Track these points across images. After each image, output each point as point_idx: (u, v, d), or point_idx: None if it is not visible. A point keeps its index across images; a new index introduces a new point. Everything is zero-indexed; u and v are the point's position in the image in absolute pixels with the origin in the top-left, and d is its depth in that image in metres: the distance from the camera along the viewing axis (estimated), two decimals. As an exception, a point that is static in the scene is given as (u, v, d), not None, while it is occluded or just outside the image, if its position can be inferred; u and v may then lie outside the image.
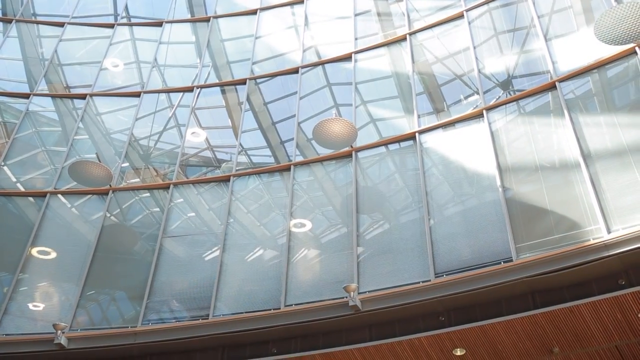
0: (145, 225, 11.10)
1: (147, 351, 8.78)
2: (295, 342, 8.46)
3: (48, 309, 9.61)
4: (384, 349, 7.99)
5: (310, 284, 9.03)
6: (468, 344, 7.79)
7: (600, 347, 7.59)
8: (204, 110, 13.17)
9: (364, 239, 9.23)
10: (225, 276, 9.40)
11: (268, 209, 10.66)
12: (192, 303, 9.29)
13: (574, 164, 8.01)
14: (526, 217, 8.02)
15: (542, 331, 7.48)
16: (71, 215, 11.23)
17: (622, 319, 7.13)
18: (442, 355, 8.00)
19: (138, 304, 9.27)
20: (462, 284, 7.76)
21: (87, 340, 8.74)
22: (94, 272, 9.86)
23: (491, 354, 7.90)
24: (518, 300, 7.58)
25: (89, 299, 9.71)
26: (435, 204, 9.14)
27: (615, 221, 7.17)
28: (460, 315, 7.83)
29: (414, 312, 8.02)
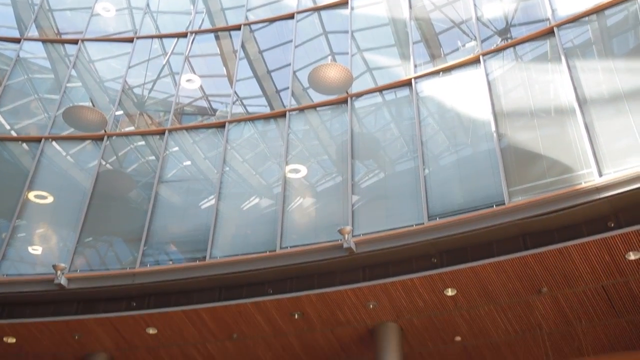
0: (141, 174, 11.14)
1: (146, 292, 8.97)
2: (291, 283, 8.66)
3: (46, 253, 9.74)
4: (377, 290, 8.20)
5: (306, 228, 9.19)
6: (459, 285, 8.00)
7: (587, 287, 7.81)
8: (198, 58, 13.03)
9: (359, 188, 9.33)
10: (221, 222, 9.52)
11: (264, 157, 10.70)
12: (189, 246, 9.44)
13: (569, 109, 8.06)
14: (520, 162, 8.12)
15: (531, 272, 7.68)
16: (66, 163, 11.24)
17: (609, 260, 7.32)
18: (433, 296, 8.22)
19: (135, 247, 9.40)
20: (455, 227, 7.92)
21: (87, 280, 8.90)
22: (90, 218, 9.95)
23: (481, 294, 8.12)
24: (509, 242, 7.76)
25: (87, 245, 9.82)
26: (431, 153, 9.21)
27: (607, 165, 7.28)
28: (452, 257, 8.02)
29: (406, 254, 8.20)
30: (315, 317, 8.74)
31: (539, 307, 8.30)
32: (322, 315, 8.70)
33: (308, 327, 8.99)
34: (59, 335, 8.99)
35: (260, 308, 8.61)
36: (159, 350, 9.52)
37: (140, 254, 9.14)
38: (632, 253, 7.17)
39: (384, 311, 8.59)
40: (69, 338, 9.07)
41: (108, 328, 8.92)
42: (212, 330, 9.06)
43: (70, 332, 8.93)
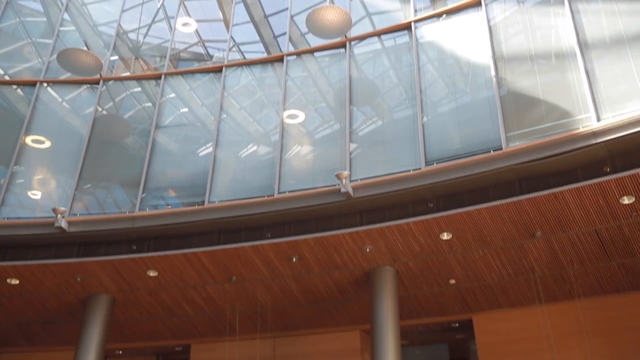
0: (138, 121, 11.07)
1: (146, 235, 9.08)
2: (289, 227, 8.77)
3: (45, 199, 9.78)
4: (374, 233, 8.32)
5: (304, 173, 9.23)
6: (455, 229, 8.12)
7: (580, 231, 7.95)
8: (194, 2, 12.75)
9: (357, 135, 9.32)
10: (219, 169, 9.54)
11: (261, 105, 10.62)
12: (187, 191, 9.50)
13: (570, 53, 7.97)
14: (518, 107, 8.08)
15: (526, 216, 7.78)
16: (63, 110, 11.15)
17: (603, 204, 7.41)
18: (429, 240, 8.35)
19: (134, 194, 9.43)
20: (451, 172, 7.96)
21: (87, 224, 8.99)
22: (88, 164, 9.93)
23: (476, 238, 8.25)
24: (505, 187, 7.83)
25: (86, 192, 9.85)
26: (429, 101, 9.15)
27: (605, 109, 7.26)
28: (448, 202, 8.10)
29: (403, 198, 8.28)
30: (313, 260, 8.90)
31: (533, 251, 8.45)
32: (320, 258, 8.86)
33: (306, 270, 9.17)
34: (61, 277, 9.15)
35: (258, 251, 8.75)
36: (160, 292, 9.72)
37: (139, 198, 9.20)
38: (626, 197, 7.25)
39: (381, 255, 8.74)
40: (71, 280, 9.25)
41: (109, 270, 9.08)
42: (211, 273, 9.23)
43: (72, 274, 9.09)
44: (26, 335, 10.88)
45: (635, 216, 7.56)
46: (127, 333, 11.00)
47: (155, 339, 11.25)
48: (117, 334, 10.90)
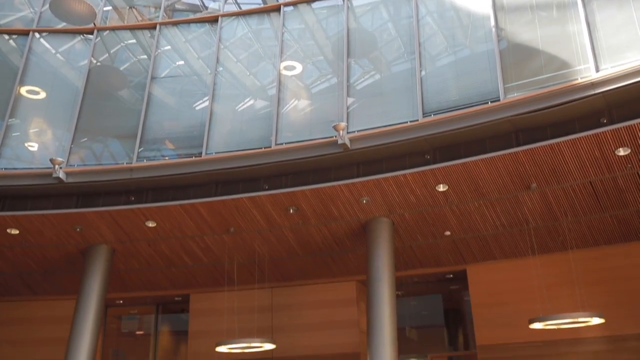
0: (134, 73, 10.95)
1: (144, 187, 9.13)
2: (286, 179, 8.82)
3: (42, 152, 9.76)
4: (371, 185, 8.38)
5: (301, 125, 9.22)
6: (451, 180, 8.18)
7: (575, 182, 8.02)
8: (188, -50, 12.43)
9: (355, 89, 9.26)
10: (215, 121, 9.50)
11: (258, 58, 10.50)
12: (184, 142, 9.49)
13: (571, 4, 7.85)
14: (517, 58, 8.02)
15: (522, 168, 7.84)
16: (57, 61, 11.00)
17: (599, 156, 7.46)
18: (425, 191, 8.43)
19: (131, 147, 9.40)
20: (449, 123, 7.96)
21: (85, 175, 9.02)
22: (84, 117, 9.87)
23: (472, 189, 8.33)
24: (501, 139, 7.85)
25: (82, 146, 9.81)
26: (428, 54, 9.05)
27: (605, 60, 7.22)
28: (445, 154, 8.13)
29: (400, 150, 8.30)
30: (310, 211, 8.99)
31: (527, 202, 8.55)
32: (317, 210, 8.94)
33: (303, 222, 9.27)
34: (61, 227, 9.24)
35: (256, 203, 8.82)
36: (159, 243, 9.85)
37: (137, 149, 9.20)
38: (621, 149, 7.29)
39: (377, 206, 8.83)
40: (71, 230, 9.34)
41: (108, 221, 9.16)
42: (209, 224, 9.33)
43: (72, 224, 9.18)
44: (28, 285, 11.07)
45: (630, 168, 7.62)
46: (127, 283, 11.20)
47: (154, 289, 11.46)
48: (118, 284, 11.10)
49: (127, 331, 13.38)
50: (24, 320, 11.32)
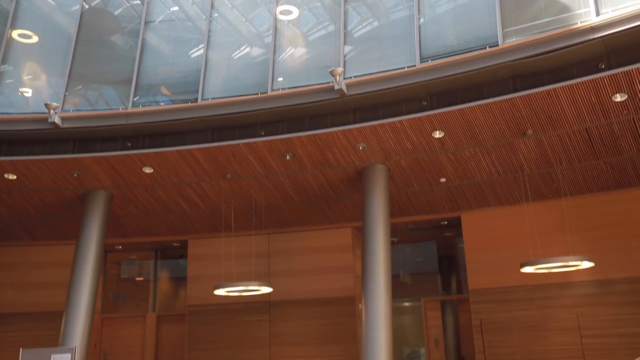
0: (127, 19, 10.71)
1: (140, 132, 9.10)
2: (282, 125, 8.80)
3: (36, 97, 9.67)
4: (367, 131, 8.38)
5: (297, 71, 9.12)
6: (447, 127, 8.18)
7: (571, 129, 8.03)
8: None
9: (352, 37, 9.10)
10: (211, 68, 9.38)
11: (253, 4, 10.27)
12: (180, 88, 9.40)
13: (574, -55, 7.67)
14: (517, 2, 7.87)
15: (518, 114, 7.83)
16: (48, 6, 10.75)
17: (595, 102, 7.45)
18: (421, 137, 8.44)
19: (126, 93, 9.29)
20: (446, 69, 7.88)
21: (80, 120, 8.98)
22: (78, 62, 9.72)
23: (468, 136, 8.34)
24: (499, 85, 7.80)
25: (77, 93, 9.70)
26: (427, 1, 8.86)
27: (605, 4, 7.09)
28: (442, 100, 8.10)
29: (397, 96, 8.26)
30: (306, 158, 9.02)
31: (523, 149, 8.58)
32: (313, 156, 8.97)
33: (299, 168, 9.31)
34: (58, 173, 9.28)
35: (252, 149, 8.84)
36: (156, 189, 9.91)
37: (132, 94, 9.13)
38: (618, 95, 7.27)
39: (373, 153, 8.86)
40: (68, 176, 9.38)
41: (105, 167, 9.19)
42: (206, 170, 9.37)
43: (69, 170, 9.21)
44: (27, 230, 11.20)
45: (625, 114, 7.63)
46: (126, 229, 11.33)
47: (153, 235, 11.61)
48: (116, 230, 11.23)
49: (127, 276, 13.64)
50: (24, 265, 11.52)
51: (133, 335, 12.02)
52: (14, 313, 11.24)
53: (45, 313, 11.04)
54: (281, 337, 10.88)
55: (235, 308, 11.14)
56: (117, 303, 12.81)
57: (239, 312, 11.14)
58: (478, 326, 9.88)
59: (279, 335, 10.90)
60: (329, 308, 10.78)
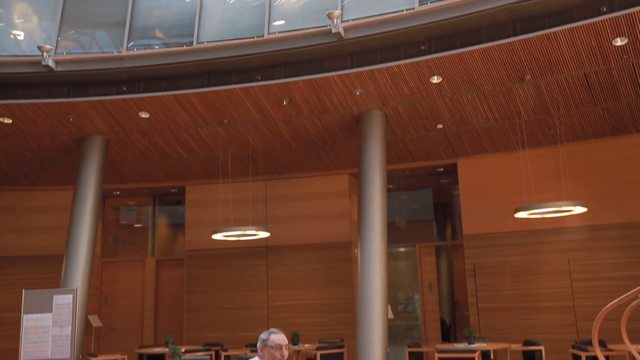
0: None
1: (135, 76, 9.02)
2: (279, 70, 8.72)
3: (28, 40, 9.51)
4: (364, 76, 8.31)
5: (294, 14, 8.95)
6: (445, 72, 8.12)
7: (569, 74, 7.98)
8: None
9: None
10: (206, 10, 9.20)
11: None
12: (174, 31, 9.25)
13: None
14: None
15: (517, 59, 7.75)
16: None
17: (595, 46, 7.37)
18: (419, 83, 8.39)
19: (120, 38, 9.14)
20: (446, 11, 7.74)
21: (75, 63, 8.86)
22: (70, 3, 9.53)
23: (466, 81, 8.29)
24: (498, 28, 7.70)
25: (70, 39, 9.52)
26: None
27: (610, -57, 6.93)
28: (440, 44, 8.00)
29: (395, 40, 8.15)
30: (303, 103, 8.98)
31: (520, 95, 8.54)
32: (310, 101, 8.93)
33: (296, 114, 9.29)
34: (54, 117, 9.24)
35: (249, 94, 8.78)
36: (153, 134, 9.91)
37: (126, 38, 8.99)
38: (619, 39, 7.18)
39: (370, 98, 8.82)
40: (64, 120, 9.35)
41: (101, 111, 9.15)
42: (202, 116, 9.34)
43: (64, 114, 9.17)
44: (25, 175, 11.25)
45: (625, 59, 7.56)
46: (124, 174, 11.39)
47: (150, 181, 11.68)
48: (114, 175, 11.29)
49: (126, 222, 13.80)
50: (23, 209, 11.63)
51: (133, 279, 12.27)
52: (15, 256, 11.42)
53: (46, 257, 11.23)
54: (278, 280, 11.12)
55: (233, 253, 11.33)
56: (117, 248, 13.01)
57: (236, 256, 11.34)
58: (471, 270, 10.10)
59: (276, 279, 11.14)
60: (325, 253, 10.98)
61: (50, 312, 8.27)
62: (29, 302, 8.30)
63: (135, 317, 12.08)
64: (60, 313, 8.27)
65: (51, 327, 8.21)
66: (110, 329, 12.03)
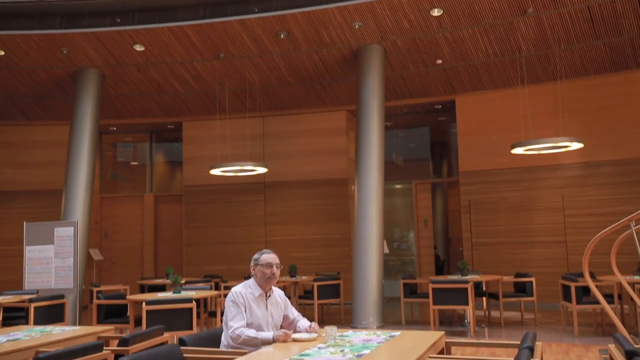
0: None
1: (130, 8, 8.81)
2: (277, 2, 8.52)
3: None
4: (364, 9, 8.14)
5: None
6: (445, 4, 7.95)
7: (572, 7, 7.83)
8: None
9: None
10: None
11: None
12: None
13: None
14: None
15: None
16: None
17: (600, -23, 7.21)
18: (419, 16, 8.22)
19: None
20: (449, -60, 7.53)
21: (66, -7, 8.65)
22: None
23: (467, 14, 8.13)
24: (502, -42, 7.49)
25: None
26: None
27: None
28: (442, -26, 7.80)
29: (396, -30, 7.94)
30: (301, 37, 8.83)
31: (522, 29, 8.41)
32: (308, 35, 8.77)
33: (293, 48, 9.14)
34: (47, 49, 9.08)
35: (245, 26, 8.61)
36: (148, 68, 9.77)
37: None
38: (625, -30, 7.02)
39: (369, 32, 8.66)
40: (57, 52, 9.19)
41: (95, 43, 8.98)
42: (198, 49, 9.19)
43: (58, 46, 9.00)
44: (21, 109, 11.16)
45: (630, -9, 7.41)
46: (120, 109, 11.31)
47: (147, 116, 11.62)
48: (110, 111, 11.21)
49: (123, 160, 13.81)
50: (21, 144, 11.61)
51: (132, 215, 12.41)
52: (15, 191, 11.49)
53: (45, 191, 11.30)
54: (276, 216, 11.27)
55: (231, 189, 11.43)
56: (115, 184, 13.08)
57: (234, 192, 11.44)
58: (466, 207, 10.24)
59: (273, 214, 11.28)
60: (322, 189, 11.08)
61: (52, 244, 8.42)
62: (30, 234, 8.43)
63: (135, 251, 12.30)
64: (62, 245, 8.41)
65: (54, 258, 8.38)
66: (111, 263, 12.27)
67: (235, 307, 3.33)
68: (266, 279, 3.44)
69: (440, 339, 3.24)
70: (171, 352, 2.93)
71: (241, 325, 3.28)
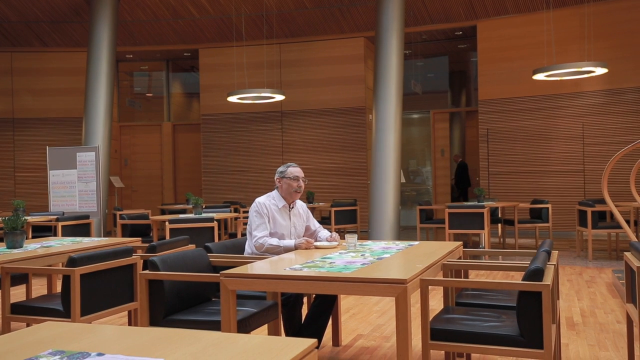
0: None
1: None
2: None
3: None
4: None
5: None
6: None
7: None
8: None
9: None
10: None
11: None
12: None
13: None
14: None
15: None
16: None
17: None
18: None
19: None
20: None
21: None
22: None
23: None
24: None
25: None
26: None
27: None
28: None
29: None
30: (319, -43, 8.56)
31: (550, -52, 8.05)
32: (326, -45, 8.50)
33: (311, -30, 8.88)
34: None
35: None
36: (164, -8, 9.59)
37: None
38: None
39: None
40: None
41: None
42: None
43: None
44: (37, 35, 11.10)
45: None
46: (136, 36, 11.20)
47: (163, 43, 11.50)
48: (126, 37, 11.11)
49: (139, 90, 13.78)
50: (39, 71, 11.61)
51: (151, 143, 12.53)
52: (34, 118, 11.60)
53: (66, 119, 11.41)
54: (293, 145, 11.31)
55: (248, 117, 11.43)
56: (133, 112, 13.14)
57: (251, 121, 11.45)
58: (484, 135, 10.17)
59: (290, 143, 11.32)
60: (339, 118, 11.04)
61: (75, 169, 8.59)
62: (53, 159, 8.60)
63: (155, 179, 12.51)
64: (85, 170, 8.58)
65: (77, 182, 8.57)
66: (131, 190, 12.52)
67: (259, 217, 3.41)
68: (292, 192, 3.49)
69: (458, 248, 3.32)
70: (199, 255, 3.05)
71: (264, 235, 3.37)
